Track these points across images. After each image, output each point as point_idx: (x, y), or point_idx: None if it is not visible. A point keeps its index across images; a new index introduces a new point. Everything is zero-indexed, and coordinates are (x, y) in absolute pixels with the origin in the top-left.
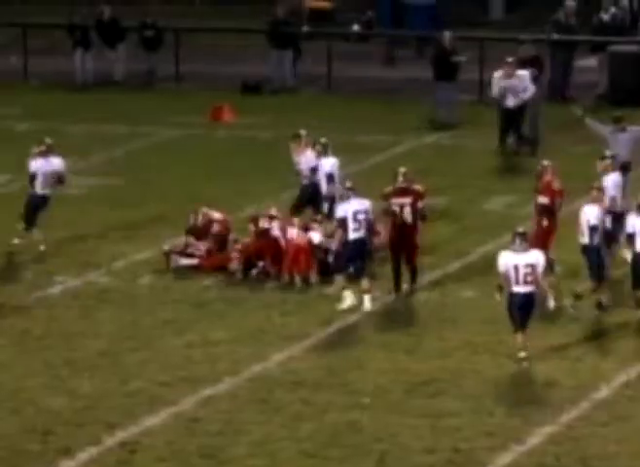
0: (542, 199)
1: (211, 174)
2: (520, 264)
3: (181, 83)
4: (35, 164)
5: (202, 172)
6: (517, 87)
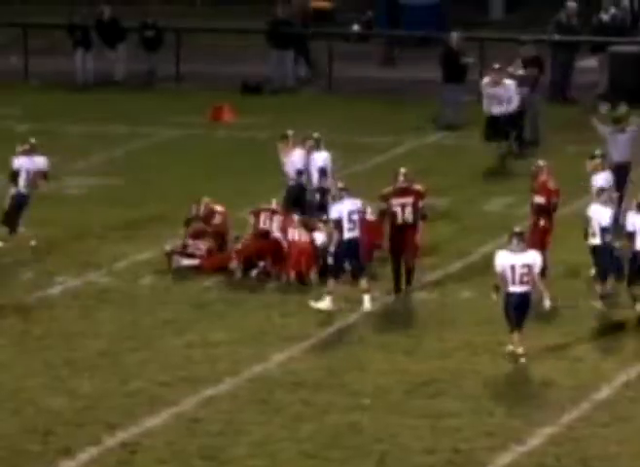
0: (538, 199)
1: (211, 174)
2: (517, 264)
3: (181, 83)
4: (18, 162)
5: (202, 172)
6: (502, 96)
